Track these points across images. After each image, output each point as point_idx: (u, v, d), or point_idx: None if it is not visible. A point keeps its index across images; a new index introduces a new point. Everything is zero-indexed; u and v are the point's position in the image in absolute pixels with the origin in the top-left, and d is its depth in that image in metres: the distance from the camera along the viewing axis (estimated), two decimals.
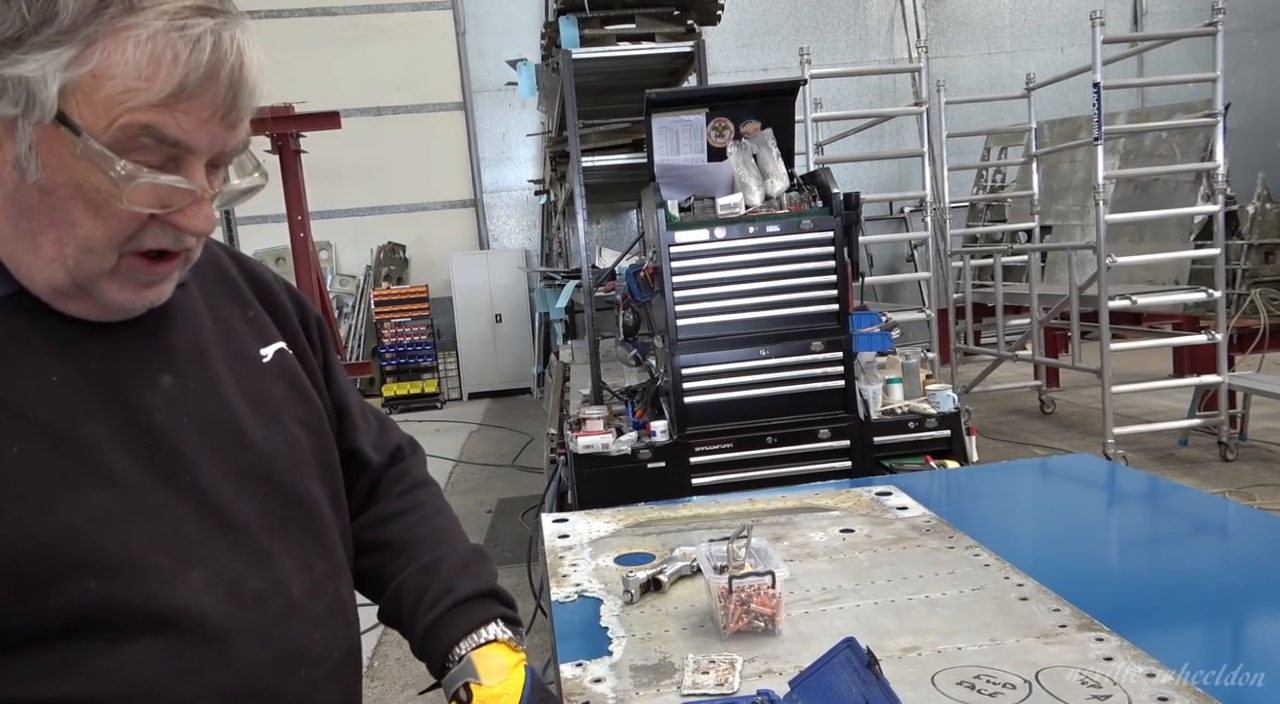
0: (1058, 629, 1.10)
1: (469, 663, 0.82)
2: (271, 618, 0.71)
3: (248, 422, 0.76)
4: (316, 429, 0.83)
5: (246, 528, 0.72)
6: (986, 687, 0.97)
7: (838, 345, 3.15)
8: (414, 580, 0.88)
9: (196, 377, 0.74)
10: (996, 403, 6.76)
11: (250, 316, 0.83)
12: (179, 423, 0.70)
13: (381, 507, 0.94)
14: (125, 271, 0.67)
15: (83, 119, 0.61)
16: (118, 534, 0.65)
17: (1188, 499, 1.83)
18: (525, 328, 9.25)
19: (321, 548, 0.79)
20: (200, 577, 0.68)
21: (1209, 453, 5.01)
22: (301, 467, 0.79)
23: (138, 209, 0.64)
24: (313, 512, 0.79)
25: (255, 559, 0.72)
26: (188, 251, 0.70)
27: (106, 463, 0.66)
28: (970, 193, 8.12)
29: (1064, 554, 1.47)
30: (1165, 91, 7.57)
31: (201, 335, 0.77)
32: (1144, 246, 5.70)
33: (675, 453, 3.12)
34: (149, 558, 0.66)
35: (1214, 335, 4.90)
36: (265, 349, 0.82)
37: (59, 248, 0.64)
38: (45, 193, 0.63)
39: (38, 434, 0.64)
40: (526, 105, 8.90)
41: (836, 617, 1.18)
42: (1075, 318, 5.24)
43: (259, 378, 0.80)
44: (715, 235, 3.09)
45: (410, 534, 0.92)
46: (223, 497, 0.71)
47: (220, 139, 0.66)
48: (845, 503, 1.68)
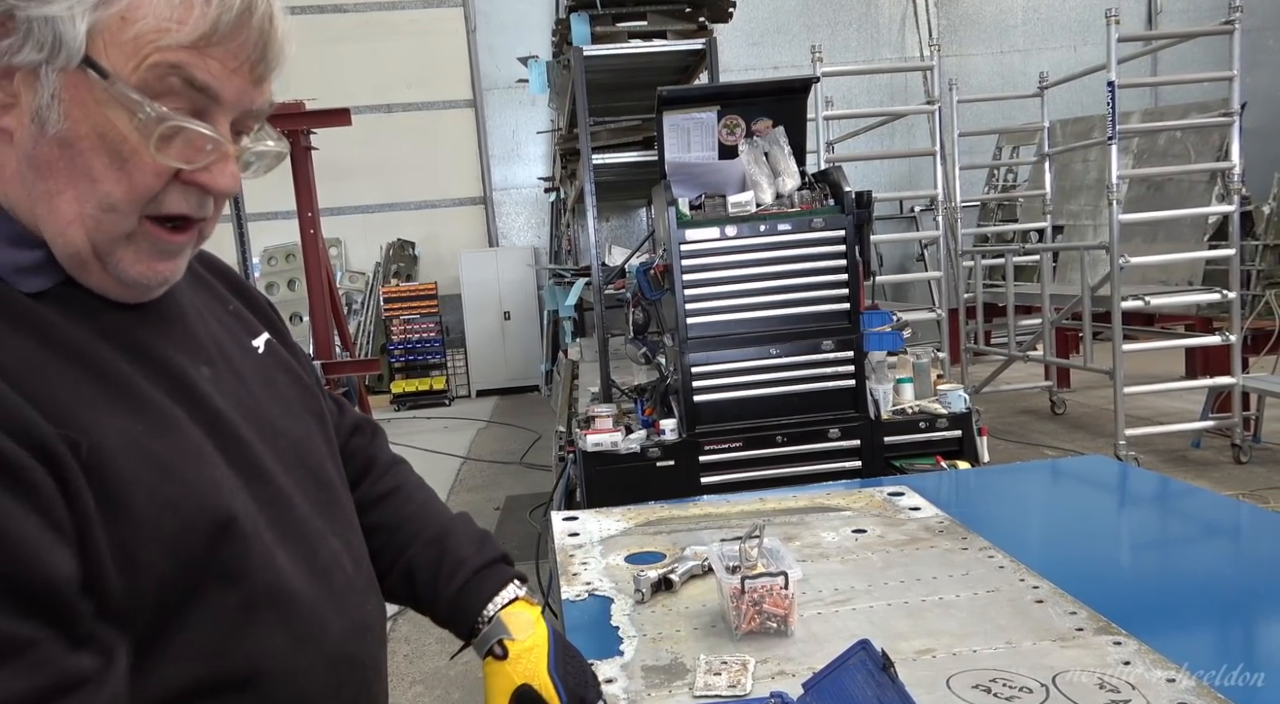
0: (1075, 632, 1.08)
1: (499, 622, 0.89)
2: (341, 591, 0.75)
3: (272, 411, 0.77)
4: (319, 415, 0.85)
5: (302, 508, 0.75)
6: (1003, 690, 0.96)
7: (848, 344, 3.13)
8: (424, 556, 0.93)
9: (222, 366, 0.75)
10: (1007, 403, 6.72)
11: (231, 310, 0.84)
12: (232, 410, 0.72)
13: (363, 492, 0.96)
14: (142, 239, 0.64)
15: (110, 62, 0.58)
16: (233, 510, 0.66)
17: (1202, 501, 1.82)
18: (534, 325, 9.25)
19: (351, 525, 0.83)
20: (286, 554, 0.70)
21: (1222, 455, 4.97)
22: (320, 451, 0.82)
23: (165, 160, 0.61)
24: (340, 492, 0.83)
25: (316, 538, 0.75)
26: (203, 224, 0.68)
27: (202, 444, 0.67)
28: (982, 192, 8.08)
29: (1078, 556, 1.46)
30: (1179, 90, 7.51)
31: (208, 327, 0.77)
32: (1157, 247, 5.66)
33: (684, 451, 3.11)
34: (260, 532, 0.68)
35: (1228, 336, 4.86)
36: (256, 341, 0.83)
37: (78, 206, 0.61)
38: (66, 146, 0.60)
39: (148, 414, 0.64)
40: (536, 102, 8.89)
41: (850, 618, 1.17)
42: (1087, 318, 5.21)
43: (263, 368, 0.81)
44: (726, 233, 3.07)
45: (400, 514, 0.96)
46: (280, 480, 0.73)
47: (247, 95, 0.64)
48: (857, 503, 1.67)
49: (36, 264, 0.63)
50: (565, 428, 3.73)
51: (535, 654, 0.86)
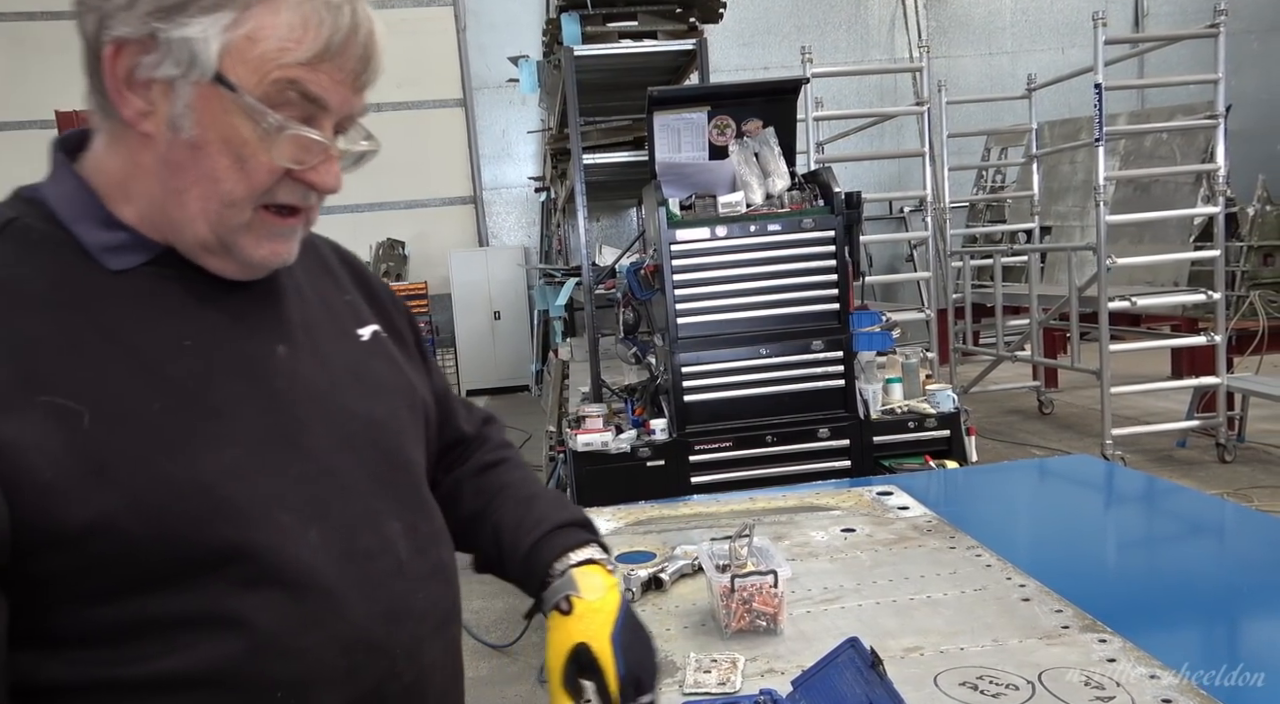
0: (1060, 630, 1.09)
1: (569, 577, 0.87)
2: (380, 576, 0.75)
3: (350, 393, 0.80)
4: (411, 403, 0.87)
5: (357, 489, 0.76)
6: (990, 688, 0.97)
7: (838, 344, 3.14)
8: (511, 514, 0.93)
9: (306, 348, 0.79)
10: (995, 403, 6.76)
11: (347, 299, 0.89)
12: (295, 389, 0.75)
13: (475, 460, 1.00)
14: (258, 225, 0.72)
15: (237, 77, 0.67)
16: (249, 490, 0.69)
17: (1187, 500, 1.83)
18: (524, 325, 9.23)
19: (425, 512, 0.83)
20: (317, 534, 0.72)
21: (1207, 454, 5.01)
22: (402, 435, 0.84)
23: (280, 162, 0.69)
24: (416, 477, 0.84)
25: (366, 519, 0.76)
26: (310, 211, 0.76)
27: (237, 423, 0.71)
28: (970, 193, 8.11)
29: (1065, 555, 1.47)
30: (1165, 93, 7.57)
31: (308, 311, 0.82)
32: (1144, 248, 5.70)
33: (675, 451, 3.11)
34: (274, 514, 0.70)
35: (1213, 337, 4.90)
36: (362, 330, 0.87)
37: (204, 203, 0.69)
38: (195, 149, 0.68)
39: (176, 391, 0.69)
40: (527, 102, 8.88)
41: (839, 616, 1.18)
42: (1075, 318, 5.24)
43: (358, 354, 0.85)
44: (716, 234, 3.08)
45: (503, 479, 0.99)
46: (335, 459, 0.75)
47: (350, 102, 0.73)
48: (846, 502, 1.68)
49: (122, 244, 0.71)
50: (556, 427, 3.73)
51: (601, 616, 0.85)
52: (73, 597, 0.64)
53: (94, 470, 0.63)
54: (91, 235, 0.70)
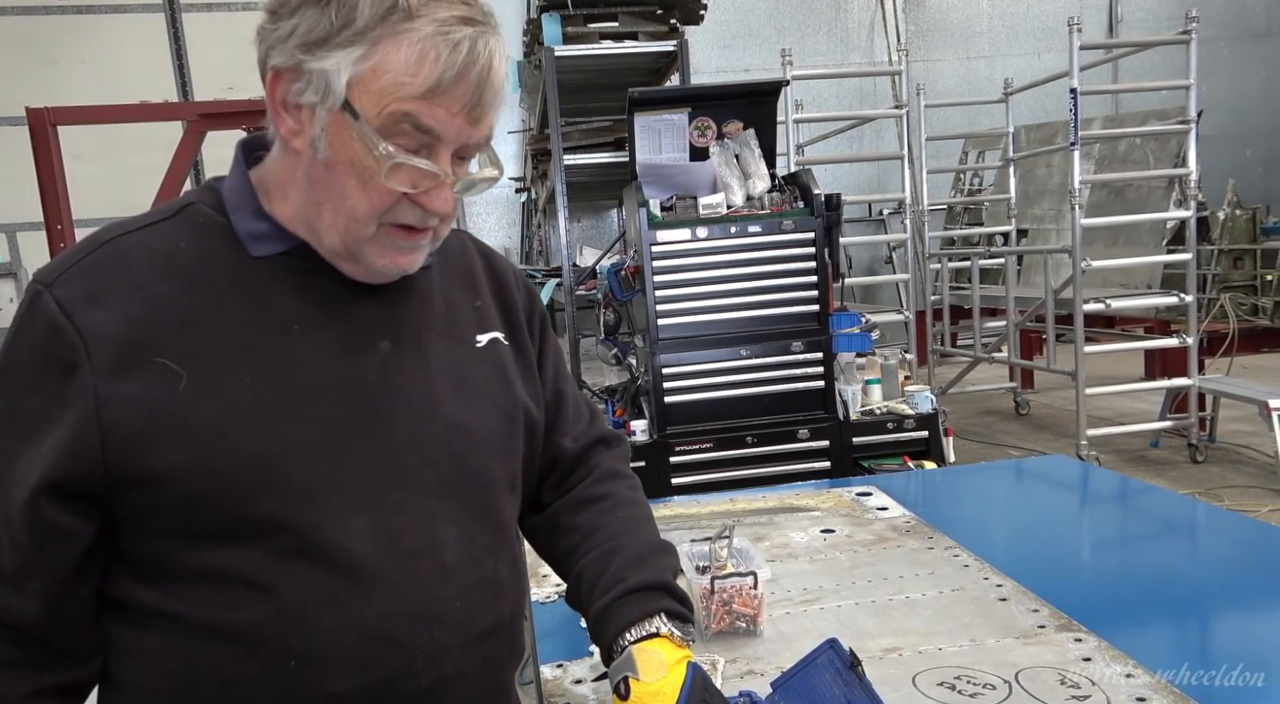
0: (1037, 630, 1.10)
1: (629, 656, 0.84)
2: (419, 575, 0.77)
3: (444, 396, 0.83)
4: (510, 414, 0.88)
5: (419, 489, 0.79)
6: (967, 687, 0.97)
7: (818, 346, 3.16)
8: (592, 566, 0.91)
9: (411, 348, 0.83)
10: (973, 404, 6.82)
11: (478, 305, 0.91)
12: (386, 384, 0.80)
13: (577, 492, 0.98)
14: (383, 239, 0.78)
15: (360, 107, 0.73)
16: (306, 468, 0.75)
17: (1159, 500, 1.86)
18: None
19: (490, 523, 0.84)
20: (364, 523, 0.75)
21: (1179, 454, 5.09)
22: (485, 444, 0.85)
23: (392, 186, 0.75)
24: (487, 487, 0.84)
25: (419, 518, 0.78)
26: (434, 229, 0.81)
27: (316, 407, 0.76)
28: (948, 196, 8.18)
29: (1041, 555, 1.48)
30: (1139, 98, 7.68)
31: (428, 314, 0.86)
32: (1118, 251, 5.78)
33: (655, 452, 3.11)
34: (325, 496, 0.75)
35: (1185, 339, 4.98)
36: (482, 336, 0.89)
37: (335, 216, 0.77)
38: (329, 168, 0.75)
39: (271, 370, 0.75)
40: (508, 102, 8.84)
41: (818, 617, 1.18)
42: (1050, 320, 5.30)
43: (468, 360, 0.87)
44: (697, 235, 3.09)
45: (598, 521, 0.95)
46: (404, 456, 0.79)
47: (465, 133, 0.76)
48: (826, 503, 1.69)
49: (265, 234, 0.80)
50: None
51: (659, 701, 0.81)
52: (149, 532, 0.74)
53: (175, 428, 0.72)
54: (243, 224, 0.80)
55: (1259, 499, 4.28)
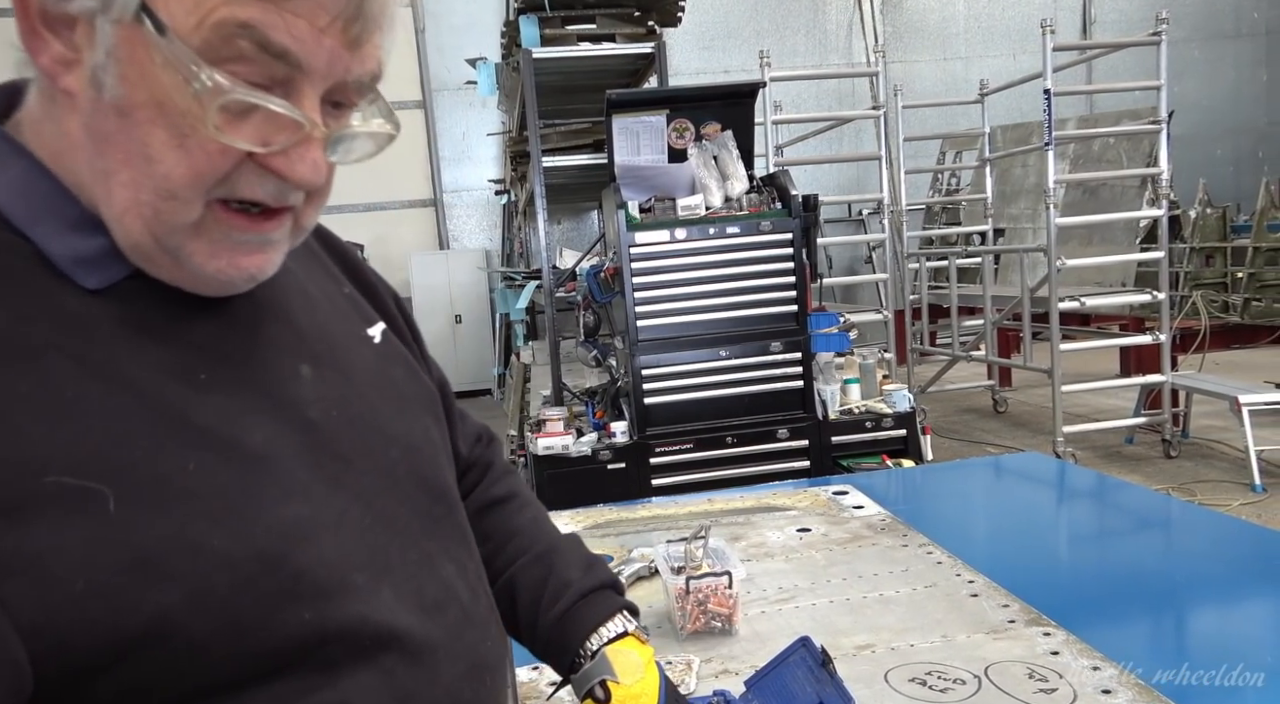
0: (1007, 624, 1.12)
1: (604, 659, 0.78)
2: (455, 627, 0.64)
3: (382, 413, 0.67)
4: (435, 415, 0.75)
5: (409, 531, 0.64)
6: (938, 683, 0.99)
7: (797, 346, 3.18)
8: (528, 573, 0.82)
9: (330, 364, 0.64)
10: (951, 402, 6.88)
11: (346, 293, 0.74)
12: (330, 418, 0.61)
13: (479, 495, 0.87)
14: (214, 228, 0.53)
15: (170, 15, 0.48)
16: (316, 554, 0.55)
17: (1133, 496, 1.89)
18: (486, 328, 9.18)
19: (468, 545, 0.72)
20: (390, 591, 0.60)
21: (1153, 450, 5.16)
22: (435, 457, 0.72)
23: (231, 141, 0.50)
24: (454, 504, 0.72)
25: (424, 565, 0.64)
26: (295, 213, 0.57)
27: (281, 471, 0.56)
28: (926, 196, 8.26)
29: (1014, 551, 1.51)
30: (1112, 99, 7.78)
31: (318, 315, 0.67)
32: (1092, 249, 5.85)
33: (635, 454, 3.12)
34: (350, 577, 0.57)
35: (1158, 336, 5.05)
36: (371, 330, 0.73)
37: (134, 191, 0.51)
38: (122, 116, 0.50)
39: (208, 442, 0.54)
40: (487, 104, 8.83)
41: (793, 616, 1.19)
42: (1027, 319, 5.37)
43: (376, 362, 0.71)
44: (676, 236, 3.10)
45: (511, 525, 0.86)
46: (382, 499, 0.63)
47: (340, 61, 0.53)
48: (803, 502, 1.70)
49: (101, 254, 0.54)
50: (517, 431, 3.71)
51: (642, 703, 0.76)
52: None
53: (136, 565, 0.49)
54: (58, 243, 0.53)
55: (1230, 494, 4.35)
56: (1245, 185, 9.82)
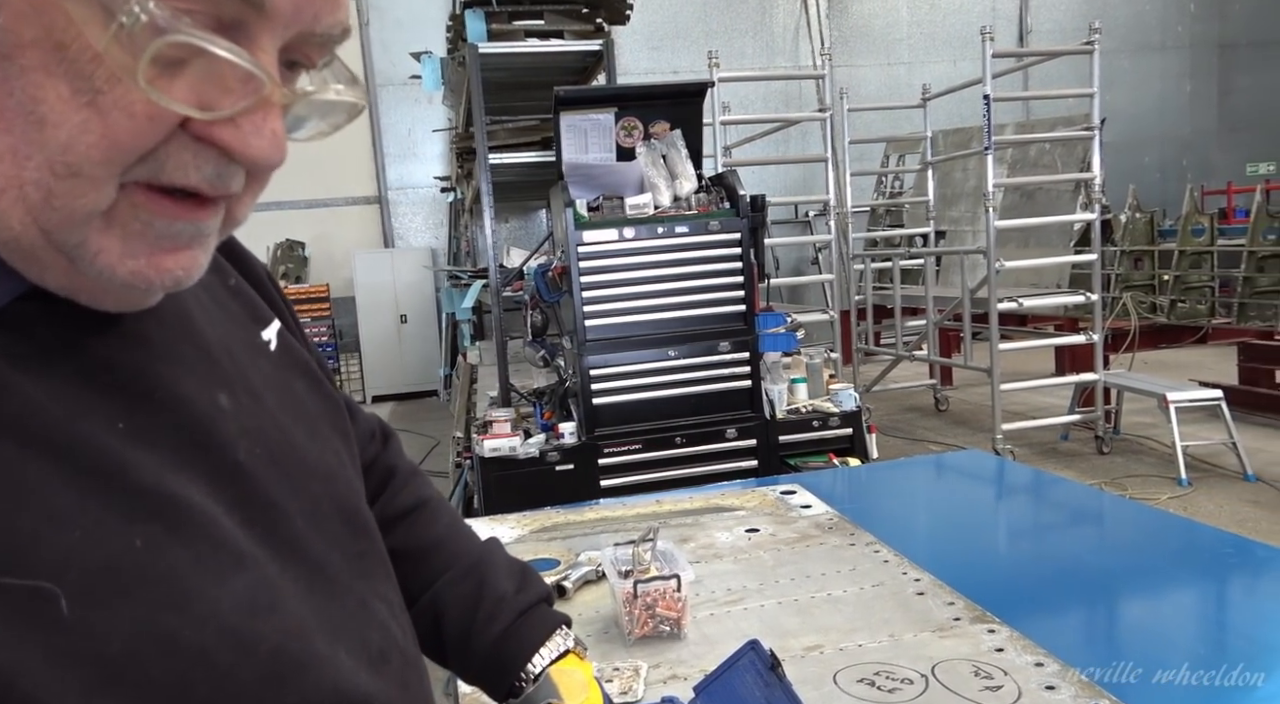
0: (952, 622, 1.13)
1: (548, 681, 0.73)
2: (400, 676, 0.57)
3: (298, 440, 0.57)
4: (344, 431, 0.64)
5: (342, 577, 0.56)
6: (886, 683, 0.99)
7: (744, 346, 3.19)
8: (456, 591, 0.76)
9: (242, 387, 0.53)
10: (895, 401, 7.01)
11: (233, 286, 0.60)
12: (255, 459, 0.52)
13: (386, 504, 0.77)
14: (130, 217, 0.39)
15: None
16: (282, 624, 0.48)
17: (1068, 492, 1.93)
18: (432, 328, 9.04)
19: (390, 577, 0.64)
20: (344, 651, 0.52)
21: (1087, 446, 5.33)
22: (353, 483, 0.63)
23: (165, 100, 0.36)
24: (375, 536, 0.63)
25: (362, 613, 0.57)
26: (231, 204, 0.44)
27: (223, 533, 0.47)
28: (871, 198, 8.41)
29: (957, 548, 1.52)
30: (1048, 106, 8.03)
31: (217, 324, 0.55)
32: (1029, 252, 6.02)
33: (584, 455, 3.09)
34: (312, 644, 0.50)
35: (1091, 336, 5.22)
36: (266, 332, 0.60)
37: (13, 166, 0.37)
38: (4, 58, 0.35)
39: (150, 512, 0.44)
40: (433, 100, 8.70)
41: (741, 618, 1.18)
42: (967, 319, 5.50)
43: (278, 377, 0.59)
44: (624, 235, 3.08)
45: (426, 538, 0.78)
46: (314, 545, 0.54)
47: (309, 5, 0.40)
48: (751, 502, 1.70)
49: None
50: (463, 433, 3.65)
51: None
52: None
53: (109, 680, 0.40)
54: None
55: (1159, 487, 4.51)
56: (1171, 191, 10.24)
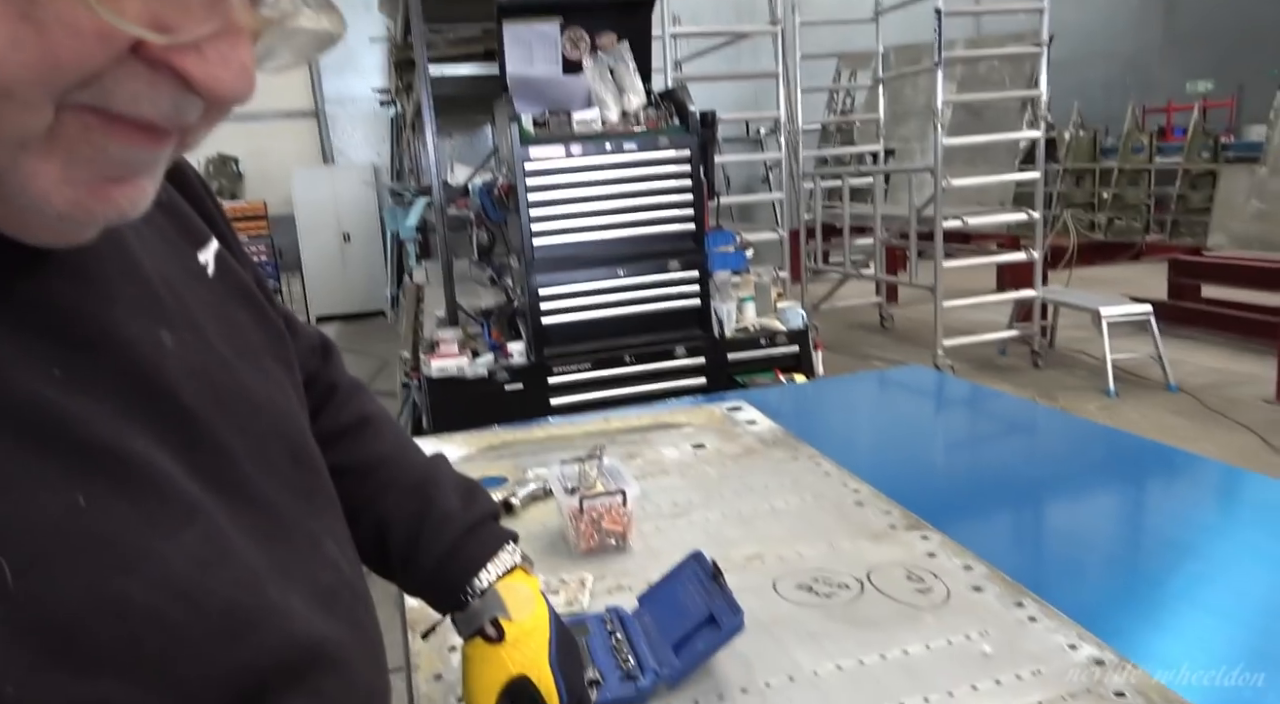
0: (888, 530, 1.17)
1: (494, 596, 0.73)
2: (351, 613, 0.57)
3: (243, 375, 0.54)
4: (287, 362, 0.61)
5: (290, 518, 0.55)
6: (823, 588, 1.03)
7: (694, 264, 3.18)
8: (402, 508, 0.75)
9: (183, 321, 0.50)
10: (841, 318, 7.13)
11: (165, 201, 0.54)
12: (201, 400, 0.49)
13: (329, 421, 0.75)
14: (76, 140, 0.36)
15: None
16: (233, 576, 0.47)
17: (1003, 404, 2.00)
18: (376, 247, 8.82)
19: (338, 510, 0.62)
20: (297, 596, 0.51)
21: (1023, 361, 5.52)
22: (300, 417, 0.60)
23: (118, 21, 0.33)
24: (322, 469, 0.62)
25: (312, 552, 0.56)
26: (186, 131, 0.40)
27: (171, 485, 0.45)
28: (822, 116, 8.32)
29: (896, 460, 1.58)
30: (998, 23, 7.96)
31: (153, 250, 0.51)
32: (976, 170, 6.06)
33: (533, 375, 3.09)
34: (265, 593, 0.48)
35: (1032, 253, 5.34)
36: (203, 255, 0.56)
37: None
38: None
39: (94, 465, 0.41)
40: (369, 6, 8.24)
41: (686, 530, 1.21)
42: (913, 237, 5.56)
43: (218, 304, 0.56)
44: (571, 151, 3.01)
45: (369, 454, 0.77)
46: (261, 487, 0.53)
47: None
48: (698, 419, 1.72)
49: None
50: (410, 353, 3.61)
51: (536, 640, 0.73)
52: None
53: (59, 650, 0.38)
54: None
55: (1088, 399, 4.72)
56: (1115, 109, 10.34)
